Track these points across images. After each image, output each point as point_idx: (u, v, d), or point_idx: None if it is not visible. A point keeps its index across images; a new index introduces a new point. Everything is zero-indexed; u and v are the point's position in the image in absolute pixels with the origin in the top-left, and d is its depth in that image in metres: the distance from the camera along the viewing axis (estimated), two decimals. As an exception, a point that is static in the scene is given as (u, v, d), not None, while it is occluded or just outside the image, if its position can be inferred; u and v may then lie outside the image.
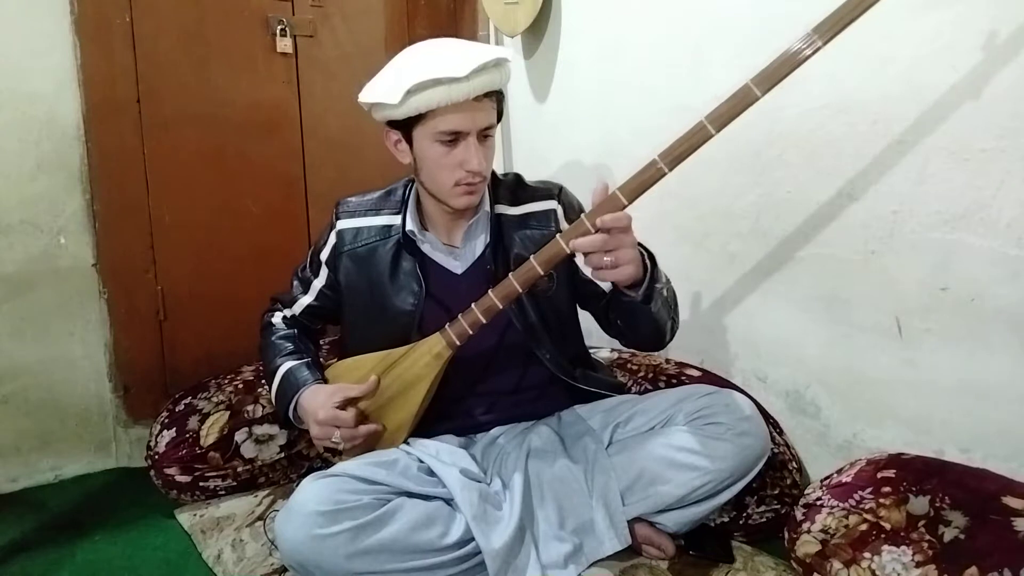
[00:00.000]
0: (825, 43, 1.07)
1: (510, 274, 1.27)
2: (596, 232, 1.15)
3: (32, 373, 1.86)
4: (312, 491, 1.21)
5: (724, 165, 1.63)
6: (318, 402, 1.36)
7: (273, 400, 1.49)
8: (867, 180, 1.40)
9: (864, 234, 1.42)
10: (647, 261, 1.25)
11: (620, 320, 1.37)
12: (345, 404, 1.35)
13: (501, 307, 1.28)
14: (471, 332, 1.31)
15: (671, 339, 1.40)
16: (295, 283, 1.57)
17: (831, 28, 1.07)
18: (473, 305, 1.30)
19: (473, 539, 1.23)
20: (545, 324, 1.43)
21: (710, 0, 1.65)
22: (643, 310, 1.27)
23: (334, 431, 1.34)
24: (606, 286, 1.43)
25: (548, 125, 2.17)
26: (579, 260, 1.43)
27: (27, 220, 1.81)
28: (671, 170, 1.15)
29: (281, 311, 1.57)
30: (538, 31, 2.12)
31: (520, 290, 1.26)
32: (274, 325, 1.55)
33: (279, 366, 1.46)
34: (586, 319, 1.53)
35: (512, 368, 1.46)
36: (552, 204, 1.47)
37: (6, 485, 1.85)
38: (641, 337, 1.40)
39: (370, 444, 1.39)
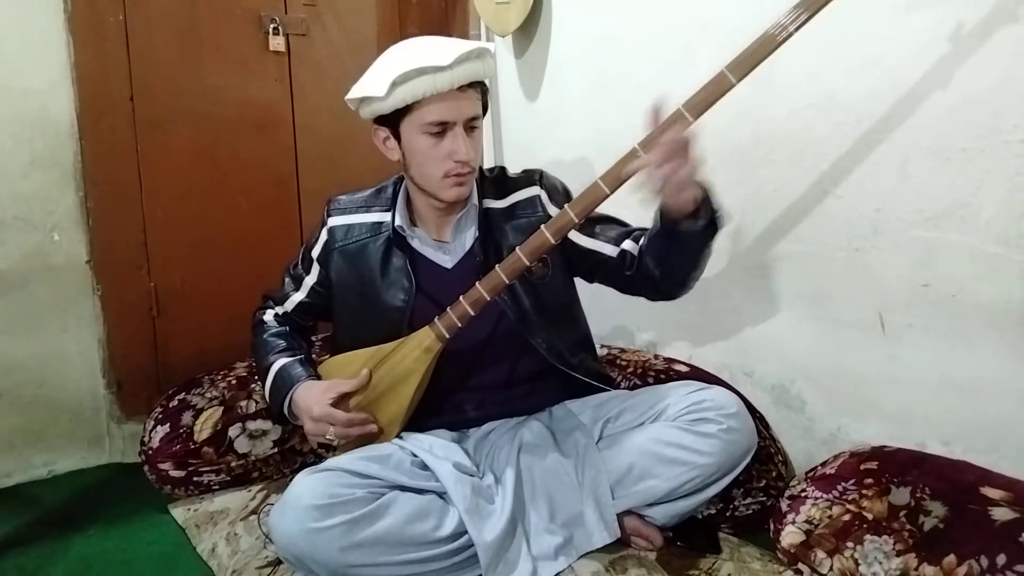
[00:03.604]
0: (797, 29, 1.09)
1: (497, 266, 1.29)
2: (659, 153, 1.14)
3: (26, 369, 1.86)
4: (306, 485, 1.23)
5: (711, 164, 1.63)
6: (312, 398, 1.38)
7: (266, 397, 1.51)
8: (851, 179, 1.43)
9: (848, 232, 1.44)
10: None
11: (666, 258, 1.31)
12: (338, 400, 1.37)
13: (489, 299, 1.30)
14: (460, 325, 1.33)
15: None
16: (287, 280, 1.58)
17: (796, 19, 1.09)
18: (461, 298, 1.31)
19: (466, 532, 1.25)
20: (541, 311, 1.43)
21: (699, -1, 1.67)
22: (703, 238, 1.25)
23: (328, 428, 1.36)
24: (609, 250, 1.41)
25: (539, 124, 2.18)
26: (573, 235, 1.40)
27: (20, 217, 1.82)
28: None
29: (273, 308, 1.58)
30: (529, 30, 2.13)
31: (507, 281, 1.28)
32: (266, 323, 1.56)
33: (272, 363, 1.48)
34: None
35: (504, 359, 1.47)
36: (535, 190, 1.46)
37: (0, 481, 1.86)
38: (680, 275, 1.34)
39: (364, 439, 1.40)
